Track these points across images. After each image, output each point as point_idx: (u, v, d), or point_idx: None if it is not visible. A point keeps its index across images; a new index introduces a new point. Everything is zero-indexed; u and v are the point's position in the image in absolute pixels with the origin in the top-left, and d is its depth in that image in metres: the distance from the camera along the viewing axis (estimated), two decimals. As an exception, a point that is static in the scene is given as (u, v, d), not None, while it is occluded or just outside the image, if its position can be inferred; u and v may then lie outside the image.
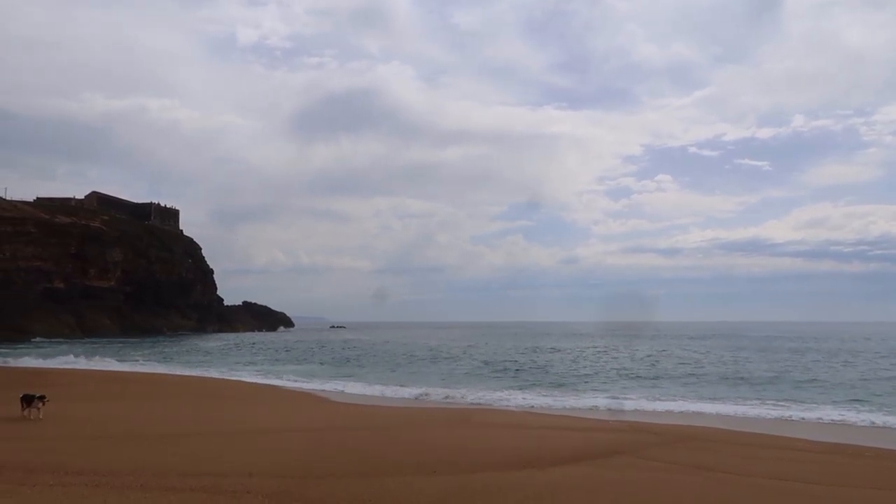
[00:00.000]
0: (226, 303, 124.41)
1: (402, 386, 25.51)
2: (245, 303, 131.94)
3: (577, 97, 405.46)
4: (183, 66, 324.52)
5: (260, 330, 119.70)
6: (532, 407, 19.73)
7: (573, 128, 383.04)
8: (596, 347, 55.69)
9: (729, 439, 12.87)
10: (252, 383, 26.71)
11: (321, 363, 41.10)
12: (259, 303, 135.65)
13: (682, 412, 18.55)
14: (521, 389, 25.01)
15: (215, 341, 72.19)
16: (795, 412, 18.02)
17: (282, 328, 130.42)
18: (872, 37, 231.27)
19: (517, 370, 34.07)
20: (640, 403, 20.28)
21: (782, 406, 19.34)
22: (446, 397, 21.97)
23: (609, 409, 18.90)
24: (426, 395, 22.50)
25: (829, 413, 17.84)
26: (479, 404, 20.19)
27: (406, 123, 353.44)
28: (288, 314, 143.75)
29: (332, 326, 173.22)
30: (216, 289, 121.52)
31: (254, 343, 68.50)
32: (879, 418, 16.83)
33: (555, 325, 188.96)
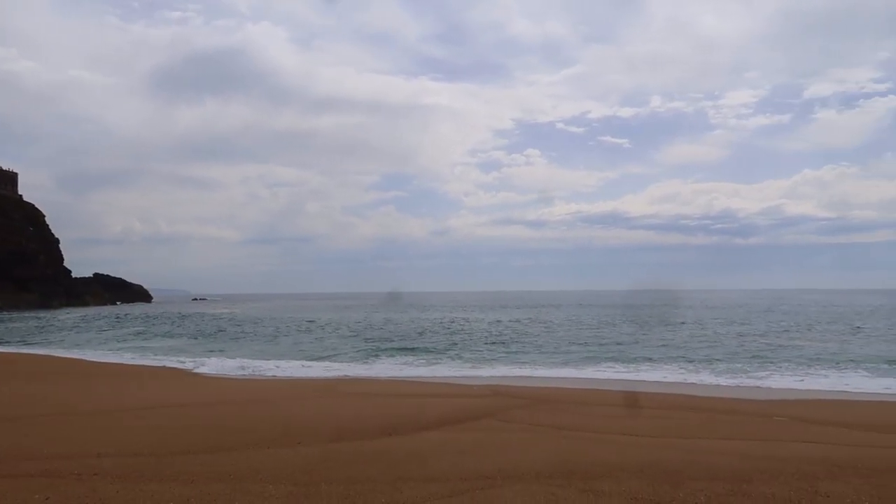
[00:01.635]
0: (74, 275, 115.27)
1: (267, 359, 24.96)
2: (96, 275, 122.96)
3: (452, 69, 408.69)
4: (22, 12, 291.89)
5: (114, 303, 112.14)
6: (401, 376, 20.02)
7: (448, 100, 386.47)
8: (467, 318, 57.23)
9: (587, 401, 13.71)
10: (104, 361, 24.99)
11: (180, 337, 39.22)
12: (113, 275, 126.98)
13: (544, 377, 19.59)
14: (391, 357, 25.31)
15: (63, 316, 66.73)
16: (646, 374, 19.70)
17: (139, 302, 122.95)
18: (724, 25, 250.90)
19: (386, 339, 34.36)
20: (505, 369, 21.22)
21: (640, 369, 21.03)
22: (313, 368, 21.78)
23: (475, 376, 19.58)
24: (294, 366, 22.18)
25: (674, 373, 19.73)
26: (348, 375, 20.18)
27: (277, 88, 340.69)
28: (146, 287, 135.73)
29: (195, 299, 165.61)
30: (62, 260, 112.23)
31: (108, 317, 64.07)
32: (710, 378, 18.72)
33: (428, 296, 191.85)
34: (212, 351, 29.53)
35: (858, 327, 39.98)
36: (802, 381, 17.97)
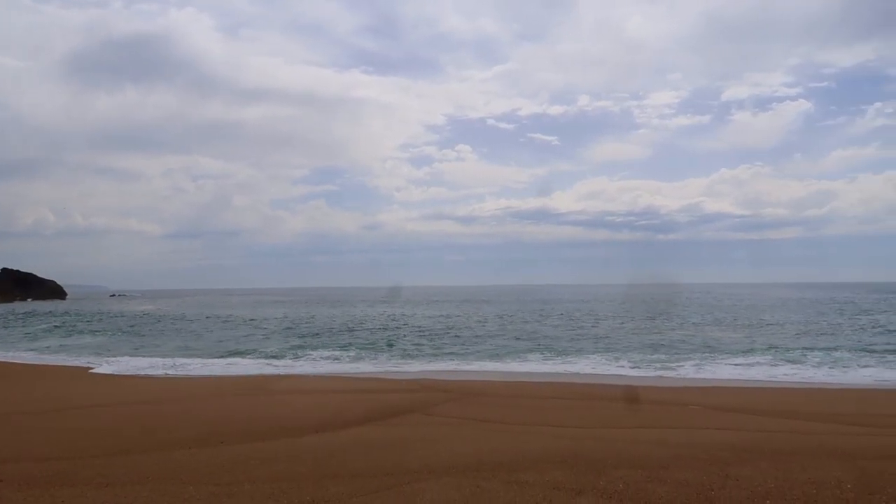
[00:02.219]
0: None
1: (190, 356, 24.23)
2: (5, 270, 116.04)
3: (384, 62, 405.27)
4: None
5: (24, 300, 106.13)
6: (330, 371, 19.83)
7: (380, 93, 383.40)
8: (404, 313, 57.14)
9: (514, 393, 13.98)
10: (9, 361, 23.64)
11: (94, 334, 37.49)
12: (22, 269, 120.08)
13: (473, 370, 19.82)
14: (320, 353, 25.00)
15: (-35, 314, 62.65)
16: (570, 367, 20.24)
17: (53, 299, 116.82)
18: (649, 27, 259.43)
19: (315, 335, 33.93)
20: (435, 364, 21.35)
21: (568, 361, 21.56)
22: (238, 365, 21.29)
23: (405, 371, 19.61)
24: (218, 364, 21.61)
25: (597, 364, 20.39)
26: (275, 371, 19.82)
27: (203, 77, 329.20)
28: (59, 283, 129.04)
29: (113, 295, 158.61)
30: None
31: (16, 314, 60.60)
32: (630, 370, 19.46)
33: (358, 291, 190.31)
34: (129, 348, 28.41)
35: (764, 319, 42.28)
36: (714, 371, 18.90)
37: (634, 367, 19.80)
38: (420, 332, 35.50)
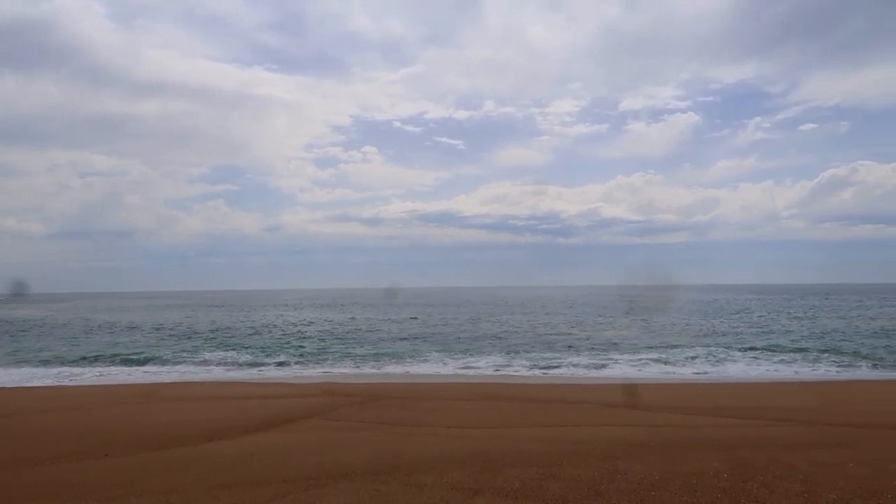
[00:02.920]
0: None
1: (76, 364, 22.77)
2: None
3: (289, 60, 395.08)
4: None
5: None
6: (228, 378, 19.17)
7: (284, 91, 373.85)
8: (306, 316, 55.99)
9: (416, 395, 13.99)
10: None
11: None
12: None
13: (375, 373, 19.73)
14: (218, 358, 24.11)
15: None
16: (470, 369, 20.53)
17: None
18: (552, 37, 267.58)
19: (213, 339, 32.71)
20: (338, 367, 21.10)
21: (468, 363, 21.79)
22: (128, 372, 20.21)
23: (307, 375, 19.26)
24: (110, 371, 20.42)
25: (497, 364, 20.77)
26: (169, 378, 18.95)
27: (93, 67, 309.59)
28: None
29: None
30: None
31: None
32: (528, 370, 19.99)
33: (258, 294, 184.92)
34: (14, 353, 26.35)
35: (656, 320, 44.57)
36: (607, 367, 19.79)
37: (533, 367, 20.38)
38: (323, 335, 34.97)
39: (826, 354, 23.11)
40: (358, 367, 21.40)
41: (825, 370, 19.82)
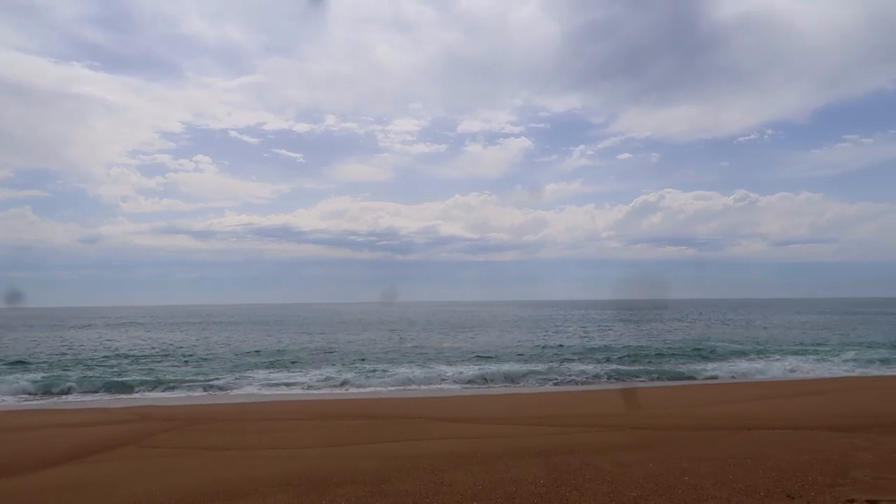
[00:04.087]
0: None
1: None
2: None
3: (113, 58, 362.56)
4: None
5: None
6: (25, 406, 17.13)
7: (106, 92, 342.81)
8: (122, 335, 51.50)
9: (243, 416, 13.36)
10: None
11: None
12: None
13: (200, 395, 18.62)
14: (12, 383, 21.41)
15: None
16: (297, 389, 20.06)
17: None
18: (395, 56, 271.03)
19: (9, 360, 29.07)
20: (157, 390, 19.66)
21: (291, 379, 21.21)
22: None
23: (122, 398, 17.74)
24: None
25: (328, 380, 20.49)
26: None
27: None
28: None
29: None
30: None
31: None
32: (358, 389, 19.95)
33: (70, 312, 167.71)
34: None
35: (489, 333, 46.45)
36: (437, 383, 20.24)
37: (368, 379, 20.38)
38: (143, 355, 32.38)
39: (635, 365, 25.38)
40: (173, 389, 20.05)
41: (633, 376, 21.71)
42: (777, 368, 23.39)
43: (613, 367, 24.42)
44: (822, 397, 14.88)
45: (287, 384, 20.32)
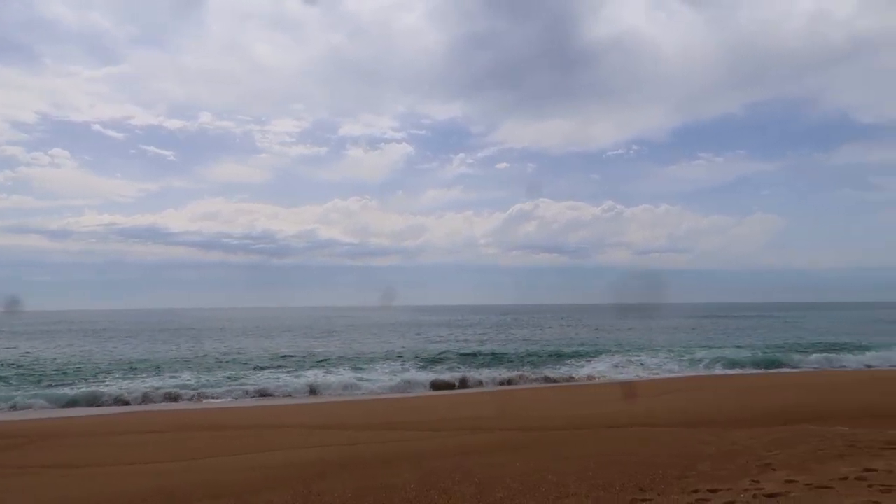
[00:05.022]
0: None
1: None
2: None
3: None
4: None
5: None
6: None
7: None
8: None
9: (97, 431, 12.46)
10: None
11: None
12: None
13: (45, 408, 17.13)
14: None
15: None
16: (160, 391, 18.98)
17: None
18: (277, 55, 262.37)
19: None
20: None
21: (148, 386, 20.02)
22: None
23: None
24: None
25: (191, 390, 19.51)
26: None
27: None
28: None
29: None
30: None
31: None
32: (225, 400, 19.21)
33: None
34: None
35: (333, 335, 46.16)
36: (318, 387, 19.86)
37: (233, 387, 19.64)
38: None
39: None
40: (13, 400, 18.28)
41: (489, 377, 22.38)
42: (635, 369, 24.97)
43: (487, 370, 25.06)
44: (674, 396, 16.04)
45: (149, 394, 19.09)
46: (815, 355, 28.02)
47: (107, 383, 21.91)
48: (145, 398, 18.48)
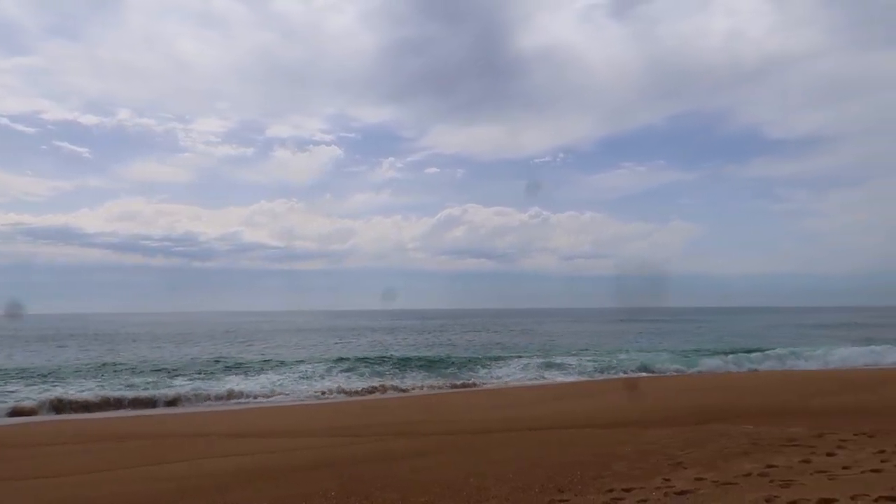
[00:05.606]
0: None
1: None
2: None
3: None
4: None
5: None
6: None
7: None
8: None
9: (28, 442, 11.72)
10: None
11: None
12: None
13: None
14: None
15: None
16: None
17: None
18: (202, 52, 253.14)
19: None
20: None
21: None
22: None
23: None
24: None
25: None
26: None
27: None
28: None
29: None
30: None
31: None
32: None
33: None
34: None
35: (287, 342, 45.28)
36: (235, 394, 19.30)
37: (148, 394, 18.87)
38: None
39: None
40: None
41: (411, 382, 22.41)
42: (557, 372, 25.50)
43: (412, 374, 25.05)
44: (595, 398, 16.48)
45: (53, 404, 18.03)
46: (730, 356, 29.42)
47: (5, 393, 20.61)
48: (50, 407, 17.45)
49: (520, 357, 31.71)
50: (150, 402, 18.21)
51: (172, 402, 18.28)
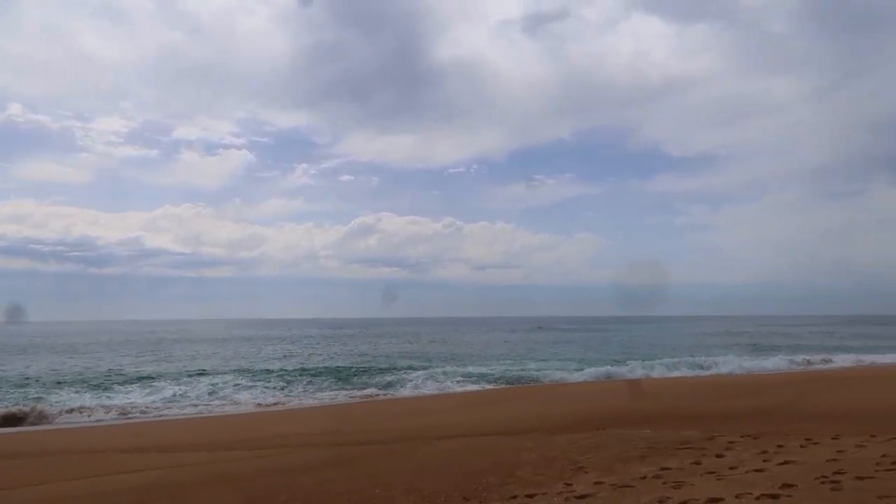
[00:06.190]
0: None
1: None
2: None
3: None
4: None
5: None
6: None
7: None
8: None
9: None
10: None
11: None
12: None
13: None
14: None
15: None
16: None
17: None
18: (104, 49, 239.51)
19: None
20: None
21: None
22: None
23: None
24: None
25: None
26: None
27: None
28: None
29: None
30: None
31: None
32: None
33: None
34: None
35: (196, 352, 43.61)
36: (132, 407, 18.38)
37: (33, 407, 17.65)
38: None
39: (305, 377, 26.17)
40: None
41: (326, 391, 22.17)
42: (468, 380, 25.80)
43: (320, 383, 24.70)
44: (502, 405, 16.79)
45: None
46: (631, 363, 30.62)
47: None
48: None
49: (431, 366, 31.86)
50: (23, 418, 16.81)
51: (65, 416, 17.14)
